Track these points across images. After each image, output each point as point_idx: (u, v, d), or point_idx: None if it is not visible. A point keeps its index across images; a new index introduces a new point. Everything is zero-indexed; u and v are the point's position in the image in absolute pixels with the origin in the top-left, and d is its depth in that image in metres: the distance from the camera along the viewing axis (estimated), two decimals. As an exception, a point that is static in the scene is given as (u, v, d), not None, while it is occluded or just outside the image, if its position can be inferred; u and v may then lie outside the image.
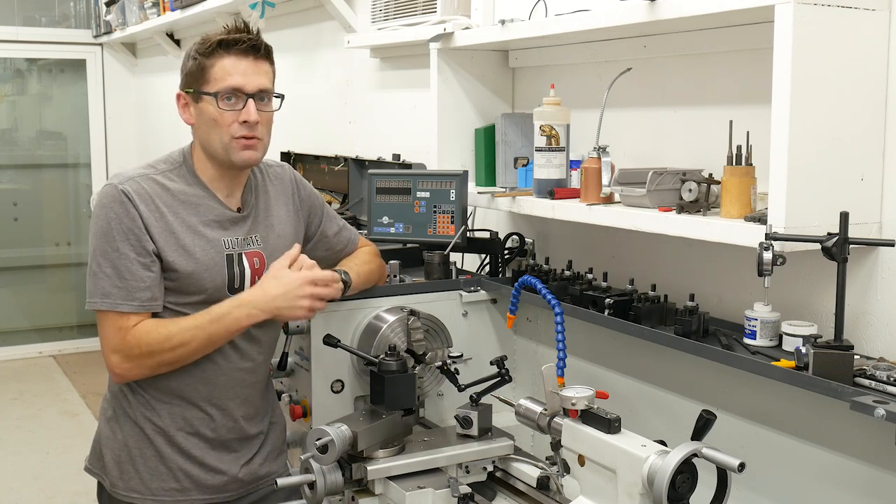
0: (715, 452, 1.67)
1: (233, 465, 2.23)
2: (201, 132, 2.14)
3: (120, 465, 2.19)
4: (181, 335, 2.06)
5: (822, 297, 2.03)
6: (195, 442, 2.18)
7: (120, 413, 2.19)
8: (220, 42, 2.08)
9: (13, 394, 6.42)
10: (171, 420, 2.16)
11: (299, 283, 2.08)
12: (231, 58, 2.09)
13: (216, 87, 2.08)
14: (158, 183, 2.11)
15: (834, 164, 1.87)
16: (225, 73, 2.08)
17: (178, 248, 2.08)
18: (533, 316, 2.72)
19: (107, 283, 2.04)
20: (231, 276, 2.15)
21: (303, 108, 4.77)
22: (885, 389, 1.70)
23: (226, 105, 2.08)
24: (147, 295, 2.06)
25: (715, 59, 2.29)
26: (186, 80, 2.13)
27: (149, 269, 2.06)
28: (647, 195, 2.15)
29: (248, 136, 2.11)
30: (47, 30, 7.43)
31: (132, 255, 2.04)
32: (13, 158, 7.70)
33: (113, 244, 2.04)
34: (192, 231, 2.11)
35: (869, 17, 1.87)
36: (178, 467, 2.17)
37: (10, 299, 7.64)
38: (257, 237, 2.21)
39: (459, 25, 2.88)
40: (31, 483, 4.92)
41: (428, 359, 2.38)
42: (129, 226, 2.04)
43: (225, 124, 2.09)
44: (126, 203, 2.04)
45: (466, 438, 2.18)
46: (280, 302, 2.08)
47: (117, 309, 2.04)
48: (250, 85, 2.10)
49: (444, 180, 2.70)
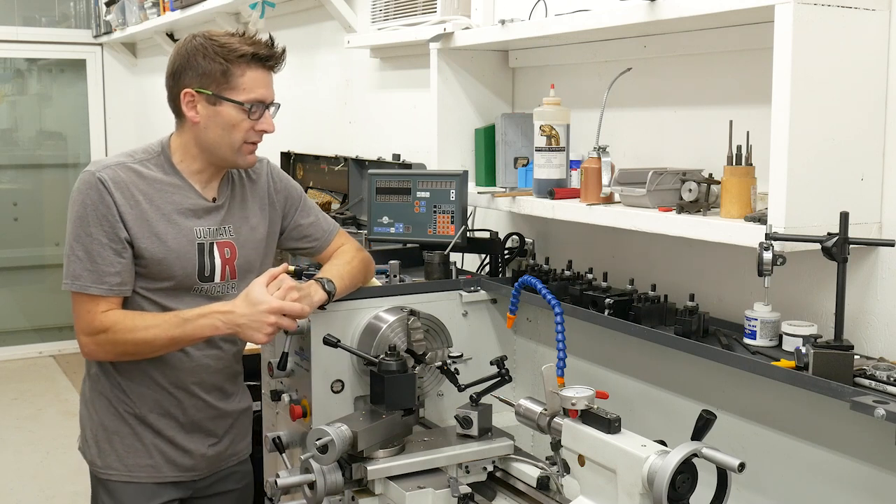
0: (715, 452, 1.67)
1: (202, 445, 2.31)
2: (209, 133, 2.17)
3: (98, 443, 2.28)
4: (146, 332, 2.12)
5: (822, 297, 2.03)
6: (167, 423, 2.27)
7: (95, 395, 2.28)
8: (254, 55, 2.13)
9: (13, 394, 6.42)
10: (143, 402, 2.25)
11: (266, 310, 2.09)
12: (261, 70, 2.16)
13: (245, 96, 2.14)
14: (135, 171, 2.16)
15: (834, 164, 1.87)
16: (255, 85, 2.14)
17: (151, 235, 2.14)
18: (533, 316, 2.72)
19: (78, 266, 2.12)
20: (201, 264, 2.20)
21: (303, 108, 4.77)
22: (885, 389, 1.70)
23: (251, 115, 2.15)
24: (116, 280, 2.13)
25: (715, 59, 2.29)
26: (203, 81, 2.14)
27: (120, 255, 2.12)
28: (647, 195, 2.15)
29: (257, 142, 2.20)
30: (47, 30, 7.43)
31: (104, 241, 2.11)
32: (13, 158, 7.70)
33: (87, 229, 2.11)
34: (166, 218, 2.17)
35: (869, 17, 1.86)
36: (152, 444, 2.26)
37: (10, 299, 7.64)
38: (230, 228, 2.26)
39: (459, 25, 2.88)
40: (31, 483, 4.92)
41: (428, 359, 2.38)
42: (103, 212, 2.10)
43: (243, 130, 2.16)
44: (102, 190, 2.10)
45: (466, 438, 2.18)
46: (243, 321, 2.10)
47: (87, 291, 2.12)
48: (270, 98, 2.19)
49: (444, 180, 2.71)
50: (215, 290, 2.23)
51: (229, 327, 2.11)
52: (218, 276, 2.23)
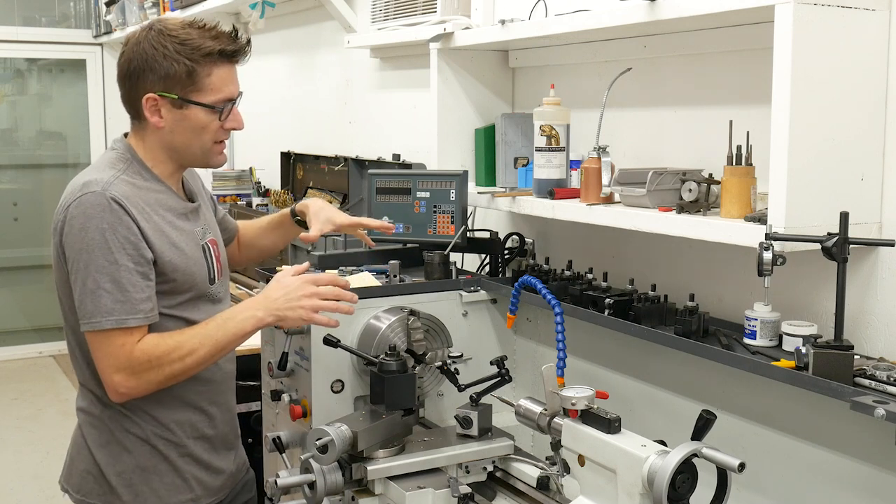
0: (715, 452, 1.67)
1: (229, 461, 2.26)
2: (176, 137, 2.04)
3: (132, 486, 2.10)
4: (190, 343, 1.98)
5: (822, 297, 2.03)
6: (202, 445, 2.17)
7: (123, 436, 2.10)
8: (220, 52, 2.00)
9: (13, 394, 6.42)
10: (181, 429, 2.13)
11: (300, 283, 2.04)
12: (227, 66, 2.03)
13: (214, 97, 2.01)
14: (129, 183, 2.01)
15: (834, 164, 1.87)
16: (223, 83, 2.02)
17: (171, 246, 2.03)
18: (533, 316, 2.72)
19: (109, 300, 1.91)
20: (209, 266, 2.13)
21: (303, 108, 4.77)
22: (885, 389, 1.70)
23: (221, 115, 2.03)
24: (149, 305, 1.97)
25: (715, 59, 2.29)
26: (166, 84, 1.98)
27: (147, 279, 1.97)
28: (647, 195, 2.15)
29: (226, 139, 2.11)
30: (47, 30, 7.43)
31: (131, 266, 1.93)
32: (13, 158, 7.71)
33: (110, 256, 1.91)
34: (173, 226, 2.06)
35: (869, 17, 1.87)
36: (192, 476, 2.15)
37: (10, 299, 7.64)
38: (207, 225, 2.21)
39: (459, 25, 2.88)
40: (31, 483, 4.92)
41: (428, 359, 2.38)
42: (124, 234, 1.93)
43: (212, 132, 2.05)
44: (117, 210, 1.92)
45: (466, 438, 2.18)
46: (281, 303, 2.02)
47: (125, 325, 1.93)
48: (237, 92, 2.06)
49: (444, 180, 2.71)
50: (218, 292, 2.17)
51: (269, 313, 2.01)
52: (217, 276, 2.17)
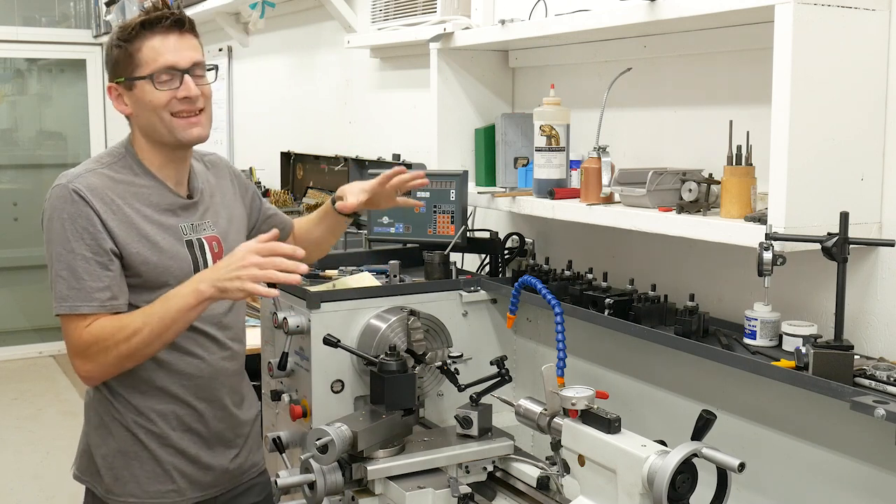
0: (715, 452, 1.67)
1: (224, 458, 2.23)
2: (142, 119, 2.09)
3: (114, 470, 2.15)
4: (134, 323, 1.96)
5: (822, 297, 2.03)
6: (190, 439, 2.16)
7: (108, 420, 2.14)
8: (142, 23, 2.03)
9: (13, 394, 6.42)
10: (164, 421, 2.13)
11: (243, 253, 1.92)
12: (157, 37, 2.04)
13: (149, 69, 2.03)
14: (107, 176, 2.05)
15: (834, 164, 1.87)
16: (155, 54, 2.03)
17: (141, 239, 2.03)
18: (533, 316, 2.72)
19: (63, 286, 1.97)
20: (195, 262, 2.11)
21: (303, 108, 4.77)
22: (885, 389, 1.70)
23: (163, 85, 2.04)
24: (106, 295, 1.99)
25: (715, 59, 2.29)
26: (115, 71, 2.08)
27: (106, 268, 1.99)
28: (647, 195, 2.15)
29: (189, 111, 2.07)
30: (47, 30, 7.43)
31: (88, 255, 1.97)
32: (13, 158, 7.71)
33: (67, 245, 1.98)
34: (149, 220, 2.06)
35: (869, 17, 1.87)
36: (174, 468, 2.15)
37: (10, 299, 7.64)
38: (210, 222, 2.19)
39: (459, 25, 2.88)
40: (31, 483, 4.92)
41: (428, 359, 2.38)
42: (83, 225, 1.98)
43: (164, 103, 2.04)
44: (78, 202, 1.98)
45: (466, 438, 2.17)
46: (222, 274, 1.92)
47: (77, 311, 1.98)
48: (183, 60, 2.05)
49: (444, 180, 2.71)
50: None
51: (210, 285, 1.93)
52: None
